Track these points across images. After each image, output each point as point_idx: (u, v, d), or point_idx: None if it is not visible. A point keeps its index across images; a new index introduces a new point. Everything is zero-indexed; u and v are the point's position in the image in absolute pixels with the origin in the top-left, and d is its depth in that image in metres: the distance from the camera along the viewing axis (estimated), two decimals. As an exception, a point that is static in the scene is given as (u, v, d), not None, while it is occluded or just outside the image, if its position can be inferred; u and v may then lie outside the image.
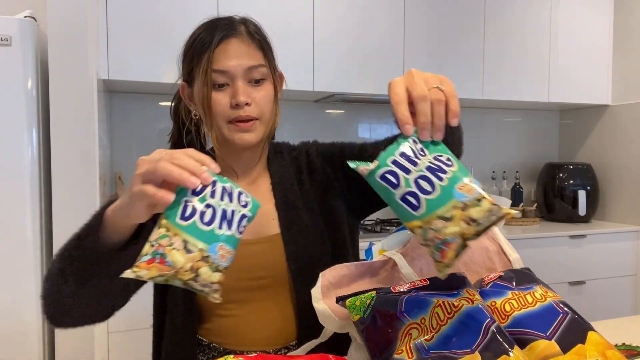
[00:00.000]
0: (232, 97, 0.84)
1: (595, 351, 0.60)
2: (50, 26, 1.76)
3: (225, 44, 0.85)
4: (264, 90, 0.87)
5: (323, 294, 0.76)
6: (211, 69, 0.83)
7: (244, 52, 0.86)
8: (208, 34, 0.87)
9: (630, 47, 2.91)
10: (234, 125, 0.85)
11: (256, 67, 0.86)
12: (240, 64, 0.85)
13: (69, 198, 1.78)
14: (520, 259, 0.80)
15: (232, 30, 0.88)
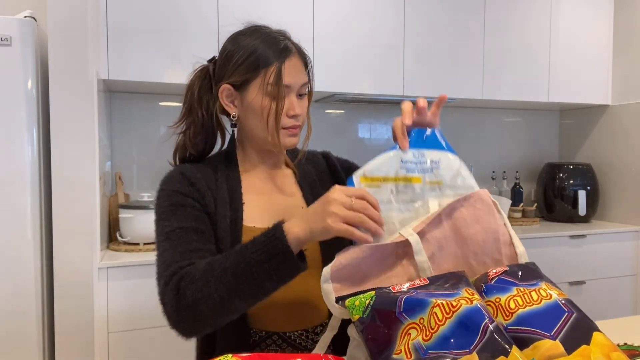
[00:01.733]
0: (290, 109, 0.96)
1: (600, 353, 0.59)
2: (50, 26, 1.76)
3: (290, 61, 0.96)
4: (306, 102, 1.01)
5: (332, 274, 0.76)
6: (282, 83, 0.93)
7: (300, 69, 0.98)
8: (270, 48, 0.95)
9: (630, 47, 2.91)
10: (287, 131, 0.98)
11: (306, 84, 0.99)
12: (298, 81, 0.97)
13: (69, 198, 1.78)
14: (525, 252, 0.80)
15: (292, 49, 0.97)
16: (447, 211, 0.81)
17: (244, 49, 0.95)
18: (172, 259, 0.87)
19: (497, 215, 0.81)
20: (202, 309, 0.80)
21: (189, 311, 0.81)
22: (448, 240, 0.80)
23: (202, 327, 0.83)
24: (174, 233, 0.90)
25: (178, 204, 0.93)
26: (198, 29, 2.15)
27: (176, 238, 0.89)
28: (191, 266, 0.84)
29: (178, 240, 0.89)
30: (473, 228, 0.79)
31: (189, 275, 0.82)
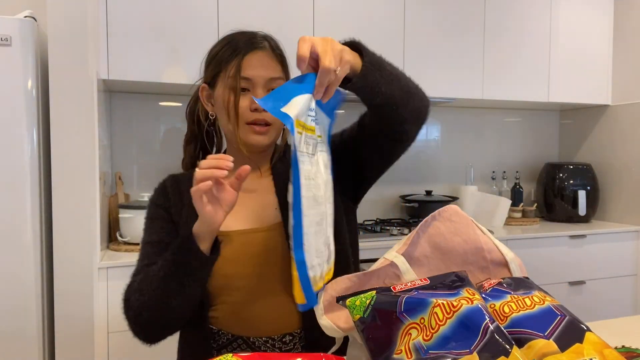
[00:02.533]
0: (251, 102, 0.95)
1: (592, 350, 0.60)
2: (50, 26, 1.76)
3: (252, 55, 0.96)
4: None
5: (325, 308, 0.77)
6: (239, 76, 0.94)
7: (267, 64, 0.97)
8: (236, 45, 0.97)
9: (630, 47, 2.91)
10: (250, 127, 0.96)
11: (275, 79, 0.97)
12: (263, 74, 0.96)
13: (69, 198, 1.78)
14: (515, 258, 0.81)
15: (258, 44, 0.98)
16: (422, 229, 0.82)
17: (216, 47, 1.00)
18: (135, 271, 0.97)
19: (475, 227, 0.82)
20: (145, 315, 0.89)
21: (136, 319, 0.90)
22: (429, 258, 0.81)
23: (154, 332, 0.92)
24: (144, 247, 0.99)
25: (152, 216, 1.02)
26: (198, 29, 2.15)
27: (144, 252, 0.99)
28: (136, 277, 0.93)
29: (144, 254, 0.98)
30: (452, 241, 0.81)
31: (132, 287, 0.92)
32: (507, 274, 0.80)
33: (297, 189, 0.72)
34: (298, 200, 0.72)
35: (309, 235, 0.73)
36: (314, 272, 0.75)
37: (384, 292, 0.67)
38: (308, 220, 0.73)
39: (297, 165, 0.73)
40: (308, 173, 0.75)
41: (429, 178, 3.03)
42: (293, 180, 0.73)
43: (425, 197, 2.78)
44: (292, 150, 0.74)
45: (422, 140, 3.02)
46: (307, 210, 0.74)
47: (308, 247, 0.73)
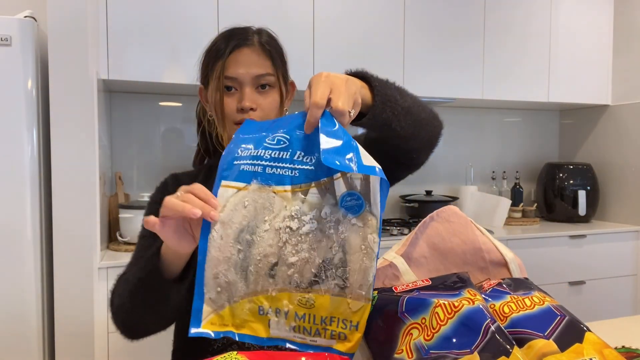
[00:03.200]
0: (238, 102, 0.93)
1: (592, 349, 0.60)
2: (50, 26, 1.76)
3: (237, 53, 0.94)
4: (270, 97, 0.95)
5: None
6: (223, 75, 0.92)
7: (254, 61, 0.94)
8: (223, 43, 0.95)
9: (630, 47, 2.91)
10: (239, 127, 0.92)
11: (263, 75, 0.94)
12: (248, 72, 0.93)
13: (69, 198, 1.78)
14: (514, 258, 0.81)
15: (245, 40, 0.95)
16: (421, 229, 0.82)
17: (207, 46, 1.00)
18: (128, 262, 0.95)
19: (474, 227, 0.82)
20: (121, 316, 0.85)
21: (115, 318, 0.87)
22: (427, 259, 0.81)
23: (133, 332, 0.87)
24: (139, 241, 0.97)
25: (151, 213, 0.99)
26: (198, 29, 2.15)
27: (137, 247, 0.97)
28: (124, 274, 0.90)
29: (137, 250, 0.96)
30: (450, 242, 0.81)
31: (115, 285, 0.89)
32: (507, 274, 0.80)
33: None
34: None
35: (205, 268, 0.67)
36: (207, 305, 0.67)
37: (385, 292, 0.67)
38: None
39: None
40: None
41: (429, 178, 3.03)
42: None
43: (425, 197, 2.78)
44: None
45: (422, 140, 3.02)
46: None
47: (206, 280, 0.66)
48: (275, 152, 0.67)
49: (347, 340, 0.64)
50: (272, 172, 0.66)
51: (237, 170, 0.67)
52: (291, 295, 0.64)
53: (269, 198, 0.65)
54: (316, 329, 0.64)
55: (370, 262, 0.64)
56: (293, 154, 0.66)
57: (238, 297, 0.65)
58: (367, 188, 0.64)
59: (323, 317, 0.64)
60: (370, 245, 0.64)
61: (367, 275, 0.64)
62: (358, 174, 0.64)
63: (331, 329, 0.64)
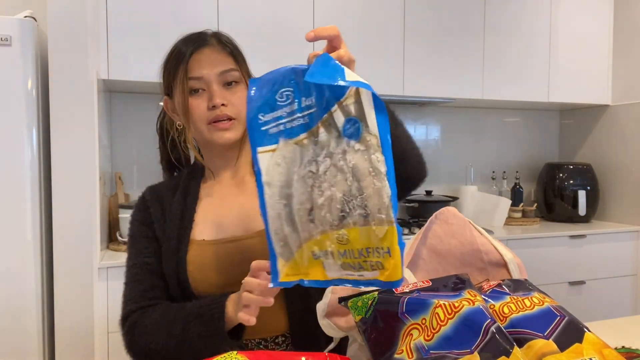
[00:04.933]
0: (209, 101, 0.92)
1: (592, 349, 0.61)
2: (50, 26, 1.76)
3: (199, 54, 0.94)
4: (238, 92, 0.95)
5: (328, 312, 0.77)
6: (187, 78, 0.92)
7: (216, 59, 0.94)
8: (182, 47, 0.97)
9: (630, 47, 2.91)
10: (213, 126, 0.93)
11: (228, 71, 0.94)
12: (213, 70, 0.93)
13: (69, 198, 1.78)
14: (514, 258, 0.81)
15: (204, 42, 0.96)
16: (424, 234, 0.82)
17: (166, 58, 1.00)
18: (128, 296, 0.95)
19: (473, 228, 0.82)
20: (155, 357, 0.88)
21: (140, 355, 0.90)
22: (426, 261, 0.81)
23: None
24: (130, 270, 0.97)
25: (135, 235, 1.00)
26: (198, 29, 2.14)
27: (132, 275, 0.96)
28: (143, 314, 0.91)
29: (133, 278, 0.96)
30: (449, 243, 0.81)
31: (142, 324, 0.90)
32: (506, 274, 0.80)
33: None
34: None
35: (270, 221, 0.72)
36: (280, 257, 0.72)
37: (385, 293, 0.67)
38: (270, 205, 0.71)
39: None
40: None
41: (429, 178, 2.98)
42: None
43: (425, 197, 2.78)
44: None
45: (422, 140, 3.02)
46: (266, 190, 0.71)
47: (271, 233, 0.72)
48: (287, 107, 0.69)
49: (384, 268, 0.64)
50: (290, 126, 0.69)
51: (265, 135, 0.70)
52: (330, 235, 0.67)
53: (293, 151, 0.69)
54: (358, 263, 0.66)
55: (380, 182, 0.63)
56: (300, 102, 0.69)
57: (296, 247, 0.69)
58: (360, 108, 0.65)
59: (359, 249, 0.65)
60: (375, 166, 0.64)
61: (382, 197, 0.63)
62: (351, 97, 0.65)
63: (370, 259, 0.65)
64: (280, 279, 0.70)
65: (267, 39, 2.25)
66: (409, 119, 2.98)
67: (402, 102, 2.78)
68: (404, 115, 2.96)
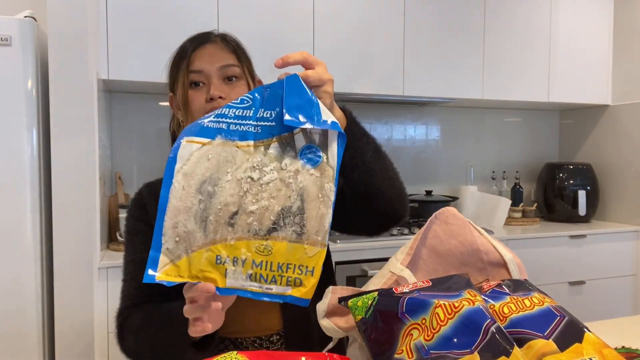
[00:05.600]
0: (207, 94, 0.93)
1: (592, 349, 0.61)
2: (50, 26, 1.76)
3: (201, 49, 0.96)
4: (238, 87, 0.96)
5: (328, 312, 0.77)
6: (188, 71, 0.94)
7: (218, 54, 0.96)
8: (187, 44, 0.99)
9: (630, 47, 2.91)
10: None
11: (228, 66, 0.95)
12: (213, 65, 0.95)
13: (69, 198, 1.78)
14: (514, 258, 0.81)
15: (207, 39, 0.99)
16: (424, 234, 0.82)
17: (172, 55, 1.02)
18: (125, 292, 0.96)
19: (472, 228, 0.82)
20: (137, 355, 0.90)
21: (128, 353, 0.91)
22: (426, 261, 0.81)
23: None
24: (127, 266, 0.98)
25: (132, 231, 1.00)
26: (198, 29, 2.14)
27: (129, 272, 0.97)
28: (133, 312, 0.92)
29: (130, 274, 0.97)
30: (449, 244, 0.81)
31: (129, 323, 0.91)
32: (506, 274, 0.80)
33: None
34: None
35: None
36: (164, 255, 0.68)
37: (385, 293, 0.67)
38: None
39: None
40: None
41: (429, 178, 3.03)
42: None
43: (425, 197, 2.78)
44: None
45: (422, 140, 3.02)
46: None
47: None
48: (240, 110, 0.69)
49: (302, 285, 0.67)
50: (235, 128, 0.69)
51: (200, 127, 0.69)
52: (249, 243, 0.66)
53: (232, 152, 0.68)
54: (272, 276, 0.67)
55: (326, 209, 0.68)
56: (256, 112, 0.69)
57: (196, 247, 0.66)
58: (324, 141, 0.69)
59: (280, 263, 0.66)
60: (327, 194, 0.67)
61: (324, 222, 0.67)
62: (317, 128, 0.68)
63: (287, 275, 0.67)
64: (157, 276, 0.66)
65: (267, 40, 2.25)
66: (408, 119, 2.98)
67: (402, 102, 2.78)
68: (404, 115, 2.96)
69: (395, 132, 2.95)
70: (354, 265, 2.16)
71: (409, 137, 2.99)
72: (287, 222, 0.67)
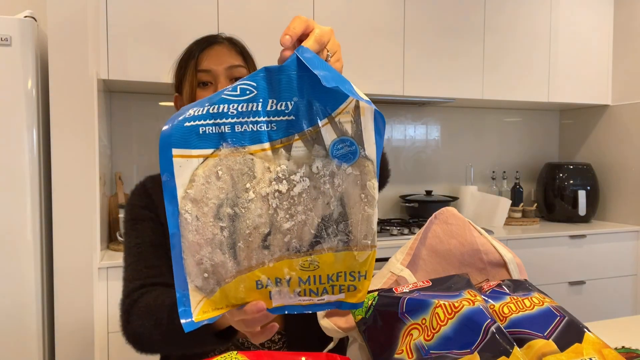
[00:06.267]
0: (213, 92, 0.91)
1: (592, 349, 0.61)
2: (50, 26, 1.76)
3: (209, 50, 0.98)
4: None
5: (327, 313, 0.77)
6: (196, 70, 0.96)
7: (225, 54, 0.98)
8: (194, 45, 1.01)
9: (630, 47, 2.91)
10: None
11: (236, 66, 0.97)
12: (221, 65, 0.96)
13: (69, 198, 1.78)
14: (514, 258, 0.81)
15: (215, 40, 1.01)
16: (424, 234, 0.82)
17: (180, 56, 1.04)
18: (131, 276, 0.94)
19: (472, 228, 0.82)
20: (145, 341, 0.86)
21: (134, 338, 0.88)
22: (426, 261, 0.81)
23: (148, 352, 0.88)
24: (133, 249, 0.96)
25: (137, 218, 0.99)
26: (198, 29, 2.15)
27: (135, 254, 0.95)
28: (143, 294, 0.89)
29: (136, 257, 0.95)
30: (449, 243, 0.81)
31: (137, 307, 0.88)
32: (506, 274, 0.80)
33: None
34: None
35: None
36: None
37: (385, 293, 0.67)
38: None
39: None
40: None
41: (429, 178, 3.03)
42: None
43: (425, 197, 2.78)
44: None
45: (422, 140, 3.02)
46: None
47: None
48: (242, 104, 0.55)
49: (357, 290, 0.59)
50: (243, 129, 0.55)
51: (194, 134, 0.54)
52: (292, 262, 0.57)
53: (246, 162, 0.55)
54: (324, 288, 0.58)
55: (372, 209, 0.57)
56: (265, 103, 0.55)
57: (230, 278, 0.57)
58: (358, 130, 0.56)
59: (329, 274, 0.58)
60: (370, 193, 0.57)
61: (371, 223, 0.58)
62: (347, 115, 0.55)
63: (339, 283, 0.58)
64: (195, 318, 0.56)
65: (267, 40, 2.25)
66: (408, 119, 2.98)
67: (402, 102, 2.78)
68: (404, 115, 2.96)
69: (395, 132, 2.95)
70: (354, 265, 2.16)
71: (409, 137, 2.99)
72: (330, 232, 0.57)
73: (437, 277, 0.77)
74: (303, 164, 0.56)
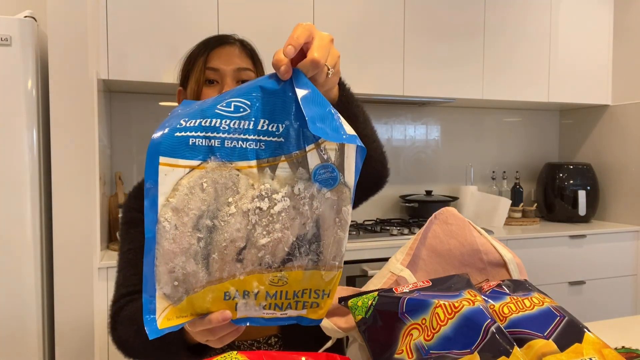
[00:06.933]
0: (219, 93, 0.94)
1: (592, 349, 0.61)
2: (50, 26, 1.76)
3: (220, 49, 0.98)
4: None
5: (328, 312, 0.76)
6: (205, 67, 0.95)
7: (235, 56, 0.98)
8: (206, 42, 1.01)
9: (630, 47, 2.91)
10: None
11: (244, 69, 0.97)
12: (230, 65, 0.96)
13: (69, 198, 1.78)
14: (514, 258, 0.81)
15: (227, 40, 1.01)
16: (424, 234, 0.82)
17: (189, 51, 1.03)
18: (120, 282, 0.95)
19: (472, 228, 0.82)
20: (129, 348, 0.88)
21: (120, 344, 0.90)
22: (425, 261, 0.81)
23: (134, 358, 0.90)
24: (125, 254, 0.97)
25: (131, 221, 0.99)
26: (198, 29, 2.15)
27: (126, 260, 0.96)
28: (130, 301, 0.91)
29: (127, 263, 0.96)
30: (449, 244, 0.81)
31: (123, 314, 0.89)
32: (506, 274, 0.80)
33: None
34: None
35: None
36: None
37: (385, 293, 0.67)
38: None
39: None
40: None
41: (429, 178, 3.03)
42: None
43: (425, 197, 2.78)
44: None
45: (422, 140, 3.02)
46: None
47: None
48: (235, 121, 0.56)
49: (319, 307, 0.62)
50: (233, 145, 0.56)
51: (184, 144, 0.55)
52: (262, 277, 0.58)
53: (231, 177, 0.57)
54: (288, 304, 0.60)
55: (344, 233, 0.60)
56: (257, 123, 0.56)
57: (199, 287, 0.57)
58: (341, 158, 0.58)
59: (296, 291, 0.60)
60: (344, 217, 0.59)
61: (341, 246, 0.60)
62: (333, 143, 0.57)
63: (304, 300, 0.61)
64: (159, 325, 0.55)
65: (267, 39, 2.25)
66: (408, 119, 2.98)
67: (402, 102, 2.79)
68: (404, 115, 2.96)
69: (395, 132, 2.96)
70: (354, 265, 2.16)
71: (408, 137, 2.99)
72: (302, 251, 0.59)
73: (437, 277, 0.77)
74: (286, 185, 0.57)
